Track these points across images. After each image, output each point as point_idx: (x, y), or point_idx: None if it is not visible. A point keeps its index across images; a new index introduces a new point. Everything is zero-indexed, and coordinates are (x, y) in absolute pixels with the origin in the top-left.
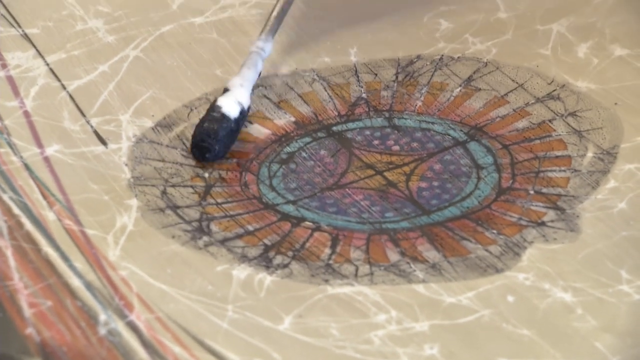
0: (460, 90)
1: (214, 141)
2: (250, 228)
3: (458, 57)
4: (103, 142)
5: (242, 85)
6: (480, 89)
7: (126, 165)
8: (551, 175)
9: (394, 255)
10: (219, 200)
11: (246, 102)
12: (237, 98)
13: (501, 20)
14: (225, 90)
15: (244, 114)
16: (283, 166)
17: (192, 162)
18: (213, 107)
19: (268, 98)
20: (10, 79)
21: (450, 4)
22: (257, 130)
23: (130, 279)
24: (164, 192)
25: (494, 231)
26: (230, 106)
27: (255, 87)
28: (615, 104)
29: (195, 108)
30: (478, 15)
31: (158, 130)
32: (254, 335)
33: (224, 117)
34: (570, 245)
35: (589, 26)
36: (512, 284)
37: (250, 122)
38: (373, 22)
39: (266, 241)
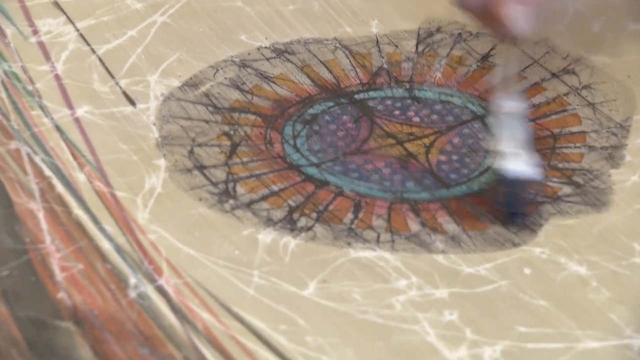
0: (478, 65)
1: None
2: (275, 188)
3: (477, 34)
4: (132, 102)
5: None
6: (497, 65)
7: (154, 124)
8: (566, 151)
9: (414, 226)
10: (245, 159)
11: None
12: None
13: None
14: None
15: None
16: (307, 127)
17: (219, 119)
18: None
19: (292, 62)
20: (41, 45)
21: None
22: (282, 90)
23: (159, 243)
24: (191, 152)
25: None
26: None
27: (280, 52)
28: (628, 76)
29: (221, 68)
30: None
31: (185, 89)
32: (279, 302)
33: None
34: (584, 220)
35: (604, 2)
36: (529, 257)
37: (275, 83)
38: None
39: (290, 202)
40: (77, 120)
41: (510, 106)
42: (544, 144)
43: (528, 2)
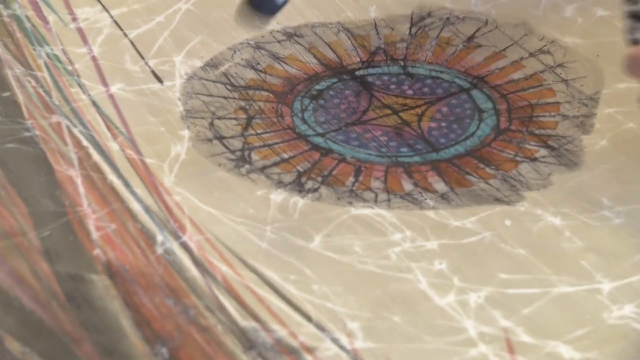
0: (464, 45)
1: None
2: (285, 156)
3: (463, 17)
4: (159, 80)
5: None
6: (481, 45)
7: (179, 99)
8: (542, 119)
9: (408, 186)
10: (259, 131)
11: None
12: None
13: None
14: None
15: None
16: (313, 101)
17: (236, 95)
18: None
19: (300, 44)
20: (79, 30)
21: None
22: (291, 69)
23: (183, 204)
24: (211, 124)
25: (494, 167)
26: None
27: (290, 35)
28: (597, 55)
29: (238, 50)
30: None
31: (206, 69)
32: (288, 254)
33: None
34: (559, 177)
35: None
36: (510, 210)
37: (285, 63)
38: None
39: (299, 168)
40: (111, 96)
41: None
42: (522, 112)
43: None
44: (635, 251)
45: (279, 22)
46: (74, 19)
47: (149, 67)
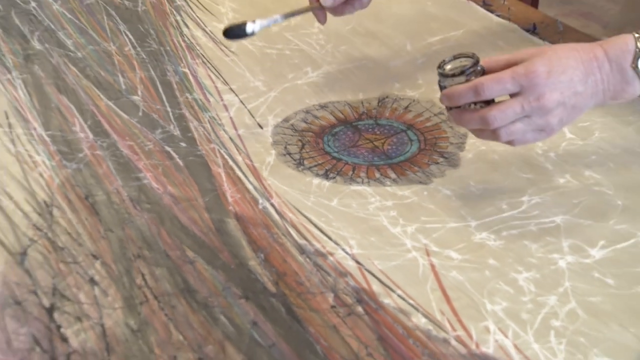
0: (404, 109)
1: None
2: (319, 162)
3: (402, 97)
4: (260, 127)
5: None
6: (411, 110)
7: (270, 136)
8: (440, 144)
9: (377, 175)
10: (307, 150)
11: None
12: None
13: (419, 84)
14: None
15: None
16: (332, 137)
17: (297, 134)
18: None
19: (327, 110)
20: (225, 105)
21: (400, 80)
22: (322, 122)
23: (272, 185)
24: (285, 147)
25: (418, 166)
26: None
27: (322, 106)
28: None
29: (297, 113)
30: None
31: (283, 122)
32: (321, 208)
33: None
34: (449, 171)
35: None
36: (426, 187)
37: (320, 119)
38: (366, 85)
39: (326, 167)
40: (238, 136)
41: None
42: (431, 141)
43: None
44: (460, 203)
45: (317, 101)
46: (221, 99)
47: (256, 120)
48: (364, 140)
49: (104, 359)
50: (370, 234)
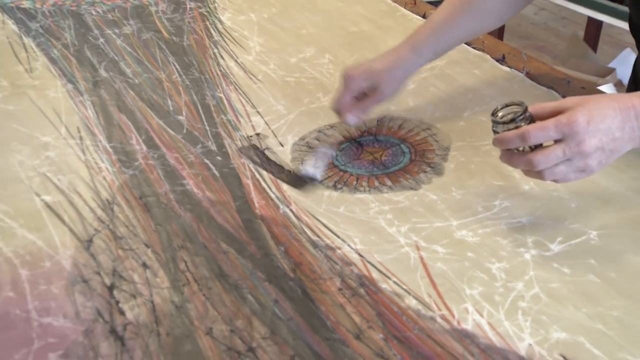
0: (398, 127)
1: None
2: (329, 174)
3: (396, 117)
4: (281, 145)
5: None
6: (404, 127)
7: (289, 152)
8: (428, 155)
9: (376, 183)
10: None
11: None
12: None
13: (410, 106)
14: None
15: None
16: (341, 151)
17: (310, 150)
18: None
19: (336, 130)
20: (252, 125)
21: (395, 104)
22: (332, 139)
23: (291, 195)
24: (301, 162)
25: (409, 175)
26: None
27: (332, 126)
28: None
29: (311, 132)
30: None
31: (300, 140)
32: (331, 213)
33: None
34: (435, 179)
35: None
36: (416, 192)
37: (327, 136)
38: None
39: (334, 179)
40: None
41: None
42: (420, 153)
43: None
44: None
45: (327, 121)
46: (250, 120)
47: (278, 139)
48: (365, 153)
49: (154, 330)
50: (371, 233)
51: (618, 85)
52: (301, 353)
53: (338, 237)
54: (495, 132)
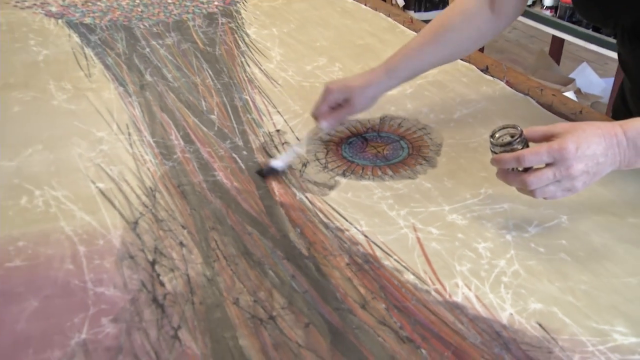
0: (398, 125)
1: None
2: (339, 164)
3: (396, 117)
4: (298, 139)
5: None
6: (403, 126)
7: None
8: (424, 150)
9: (379, 173)
10: (330, 156)
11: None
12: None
13: (408, 107)
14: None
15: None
16: (346, 146)
17: (323, 144)
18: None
19: (344, 126)
20: (273, 123)
21: (394, 105)
22: (341, 134)
23: (306, 185)
24: (315, 155)
25: (408, 167)
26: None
27: (342, 123)
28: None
29: (321, 130)
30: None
31: (315, 137)
32: (340, 198)
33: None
34: (429, 170)
35: None
36: (414, 181)
37: (337, 132)
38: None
39: (344, 168)
40: (284, 143)
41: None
42: (417, 148)
43: None
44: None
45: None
46: (271, 119)
47: (295, 134)
48: (370, 147)
49: (189, 299)
50: (375, 217)
51: (577, 92)
52: (314, 321)
53: (346, 220)
54: (493, 152)
